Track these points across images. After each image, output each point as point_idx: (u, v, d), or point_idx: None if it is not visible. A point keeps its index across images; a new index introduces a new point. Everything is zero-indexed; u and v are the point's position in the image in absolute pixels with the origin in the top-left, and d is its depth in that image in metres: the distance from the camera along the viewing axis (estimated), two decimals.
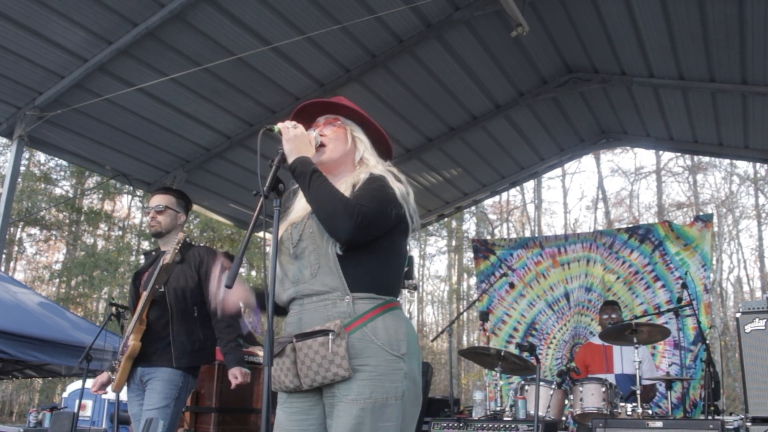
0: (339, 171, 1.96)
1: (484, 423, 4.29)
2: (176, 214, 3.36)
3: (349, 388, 1.68)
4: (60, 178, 20.80)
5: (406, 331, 1.78)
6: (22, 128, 5.34)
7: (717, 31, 5.09)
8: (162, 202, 3.34)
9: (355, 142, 2.00)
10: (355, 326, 1.71)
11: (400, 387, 1.71)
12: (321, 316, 1.74)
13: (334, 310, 1.74)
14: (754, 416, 4.21)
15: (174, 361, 3.09)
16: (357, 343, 1.70)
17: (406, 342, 1.76)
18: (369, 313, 1.74)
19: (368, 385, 1.68)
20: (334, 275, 1.76)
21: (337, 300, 1.74)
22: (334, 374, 1.67)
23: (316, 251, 1.80)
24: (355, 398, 1.67)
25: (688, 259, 6.72)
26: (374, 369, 1.69)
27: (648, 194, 28.73)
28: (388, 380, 1.70)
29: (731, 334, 16.27)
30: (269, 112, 6.07)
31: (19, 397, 21.51)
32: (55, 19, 4.64)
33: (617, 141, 7.86)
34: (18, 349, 6.13)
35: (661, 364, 6.48)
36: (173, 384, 3.09)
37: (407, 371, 1.74)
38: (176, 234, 3.37)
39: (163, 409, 3.03)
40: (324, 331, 1.69)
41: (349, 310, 1.73)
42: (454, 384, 15.29)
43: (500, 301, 7.64)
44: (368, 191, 1.80)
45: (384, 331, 1.73)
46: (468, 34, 5.64)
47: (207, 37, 5.03)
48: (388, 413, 1.68)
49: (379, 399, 1.67)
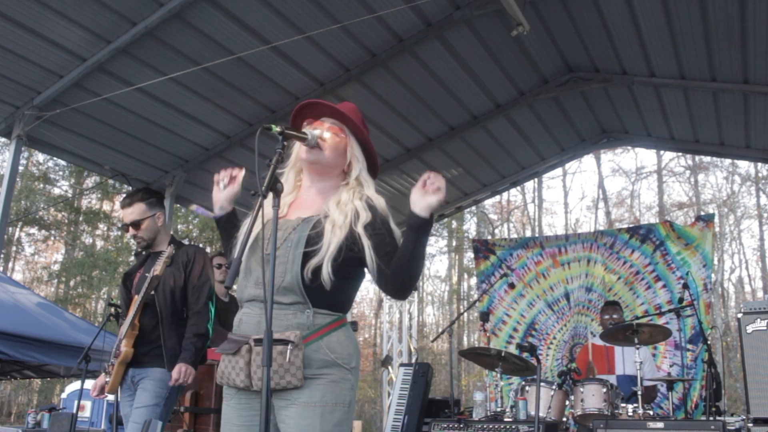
0: (324, 177, 1.98)
1: (485, 424, 4.28)
2: (153, 218, 3.28)
3: (301, 393, 1.75)
4: (59, 177, 20.78)
5: (355, 347, 1.88)
6: (20, 128, 5.32)
7: (718, 30, 5.08)
8: (133, 217, 3.25)
9: (352, 159, 1.99)
10: (313, 338, 1.78)
11: (347, 396, 1.81)
12: (281, 324, 1.78)
13: (294, 320, 1.79)
14: (755, 417, 4.18)
15: (166, 365, 3.10)
16: (312, 355, 1.77)
17: (355, 357, 1.86)
18: (326, 327, 1.81)
19: (319, 390, 1.76)
20: (296, 291, 1.80)
21: (297, 312, 1.80)
22: (287, 382, 1.73)
23: (286, 264, 1.81)
24: (306, 401, 1.75)
25: (689, 259, 6.71)
26: (326, 379, 1.78)
27: (649, 194, 28.65)
28: (338, 388, 1.79)
29: (733, 335, 16.26)
30: (269, 111, 6.06)
31: (17, 397, 21.49)
32: (53, 18, 4.63)
33: (618, 141, 7.86)
34: (16, 349, 6.12)
35: (662, 364, 6.47)
36: (164, 383, 3.10)
37: (353, 383, 1.85)
38: (165, 234, 3.33)
39: (153, 407, 3.04)
40: (283, 340, 1.73)
41: (309, 323, 1.79)
42: (455, 385, 15.26)
43: (500, 301, 7.62)
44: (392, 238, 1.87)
45: (338, 346, 1.82)
46: (468, 33, 5.62)
47: (206, 36, 5.02)
48: (337, 417, 1.77)
49: (329, 404, 1.77)
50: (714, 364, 4.60)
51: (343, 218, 1.84)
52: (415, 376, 5.44)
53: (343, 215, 1.85)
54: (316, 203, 1.94)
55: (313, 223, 1.86)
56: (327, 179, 1.98)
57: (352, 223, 1.84)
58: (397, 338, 8.02)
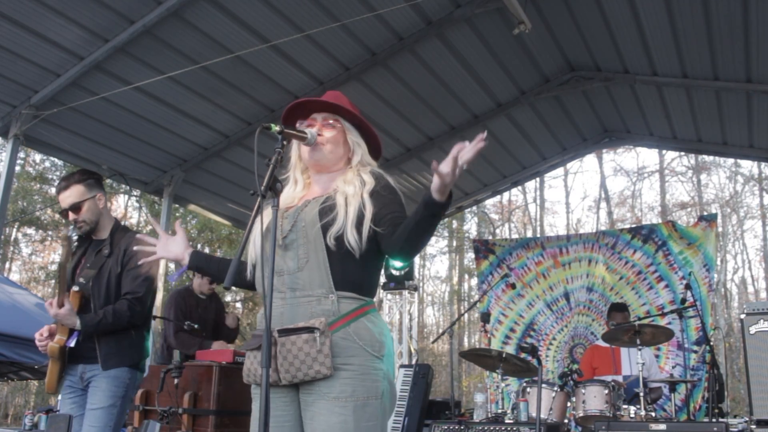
0: (332, 170, 1.98)
1: (486, 425, 4.25)
2: (93, 200, 3.03)
3: (331, 386, 1.69)
4: (56, 178, 20.72)
5: (384, 333, 1.82)
6: (17, 127, 5.28)
7: (721, 29, 5.05)
8: (72, 200, 2.98)
9: (353, 145, 2.00)
10: (339, 325, 1.73)
11: (379, 387, 1.74)
12: (304, 312, 1.75)
13: (318, 307, 1.75)
14: (758, 419, 4.16)
15: (101, 363, 2.86)
16: (340, 342, 1.71)
17: (385, 343, 1.80)
18: (352, 312, 1.76)
19: (350, 384, 1.69)
20: (321, 271, 1.76)
21: (321, 297, 1.75)
22: (316, 372, 1.68)
23: (306, 245, 1.80)
24: (337, 396, 1.68)
25: (691, 258, 6.67)
26: (356, 368, 1.71)
27: (651, 194, 28.59)
28: (369, 379, 1.72)
29: (735, 336, 16.21)
30: (268, 110, 6.02)
31: (14, 399, 21.42)
32: (51, 16, 4.59)
33: (620, 140, 7.83)
34: (14, 350, 6.10)
35: (665, 365, 6.43)
36: (119, 381, 2.87)
37: (385, 372, 1.78)
38: (108, 219, 3.07)
39: (109, 408, 2.83)
40: (308, 328, 1.69)
41: (334, 309, 1.74)
42: (455, 386, 15.25)
43: (497, 300, 7.59)
44: (401, 205, 1.86)
45: (366, 332, 1.76)
46: (469, 31, 5.59)
47: (205, 34, 4.98)
48: (369, 412, 1.70)
49: (360, 398, 1.70)
50: (717, 366, 4.58)
51: (353, 188, 1.85)
52: (416, 377, 5.42)
53: (352, 186, 1.86)
54: (323, 188, 1.96)
55: (323, 199, 1.86)
56: (334, 170, 1.99)
57: (362, 192, 1.84)
58: (398, 339, 7.98)
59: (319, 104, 2.00)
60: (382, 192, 1.86)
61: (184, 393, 4.01)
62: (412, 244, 1.75)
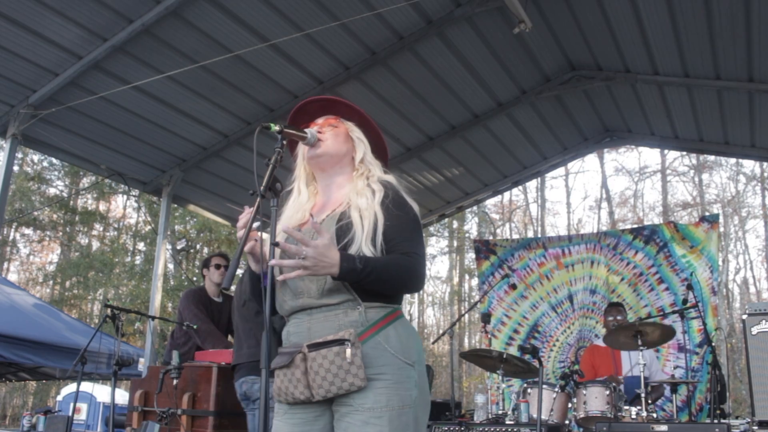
0: (335, 169, 1.94)
1: (486, 427, 4.24)
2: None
3: (365, 397, 1.66)
4: (54, 177, 20.71)
5: (415, 339, 1.80)
6: (15, 126, 5.26)
7: (723, 28, 5.03)
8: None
9: (355, 142, 1.96)
10: (369, 335, 1.71)
11: (412, 394, 1.71)
12: (332, 325, 1.71)
13: (346, 319, 1.72)
14: (760, 420, 4.15)
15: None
16: (371, 352, 1.69)
17: (415, 350, 1.77)
18: (381, 321, 1.74)
19: (384, 393, 1.66)
20: (343, 290, 1.73)
21: (348, 309, 1.72)
22: (350, 384, 1.64)
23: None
24: (372, 407, 1.65)
25: (694, 262, 6.65)
26: (389, 378, 1.68)
27: (653, 194, 28.57)
28: (402, 388, 1.69)
29: (737, 336, 16.20)
30: (267, 110, 6.00)
31: (12, 400, 21.41)
32: (49, 15, 4.57)
33: (621, 140, 7.80)
34: (12, 351, 6.08)
35: (666, 367, 6.40)
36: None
37: (417, 379, 1.75)
38: None
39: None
40: (339, 340, 1.66)
41: (362, 319, 1.72)
42: (456, 387, 15.22)
43: (499, 302, 7.56)
44: (407, 230, 1.81)
45: (396, 339, 1.73)
46: (469, 30, 5.57)
47: (204, 33, 4.96)
48: (404, 421, 1.68)
49: (395, 407, 1.67)
50: (718, 366, 4.56)
51: (365, 201, 1.81)
52: None
53: (364, 198, 1.82)
54: (335, 198, 1.90)
55: (338, 216, 1.82)
56: (338, 171, 1.94)
57: (374, 205, 1.81)
58: None
59: (318, 104, 1.99)
60: (392, 206, 1.81)
61: (183, 394, 3.99)
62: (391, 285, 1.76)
